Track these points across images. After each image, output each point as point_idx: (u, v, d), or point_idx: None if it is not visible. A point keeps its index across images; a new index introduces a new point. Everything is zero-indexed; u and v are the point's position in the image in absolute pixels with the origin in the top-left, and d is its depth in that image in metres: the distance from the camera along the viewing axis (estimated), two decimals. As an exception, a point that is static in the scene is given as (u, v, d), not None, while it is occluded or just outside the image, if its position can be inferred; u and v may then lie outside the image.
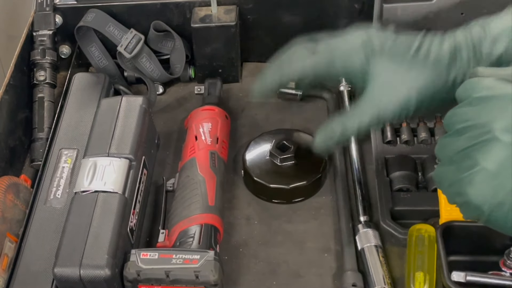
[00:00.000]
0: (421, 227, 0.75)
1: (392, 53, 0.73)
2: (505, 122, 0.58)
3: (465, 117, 0.61)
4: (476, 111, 0.60)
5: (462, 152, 0.60)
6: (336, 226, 0.81)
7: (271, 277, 0.77)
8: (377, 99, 0.73)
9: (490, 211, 0.59)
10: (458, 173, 0.60)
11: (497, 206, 0.59)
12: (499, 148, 0.58)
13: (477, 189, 0.59)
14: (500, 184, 0.58)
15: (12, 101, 0.88)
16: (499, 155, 0.58)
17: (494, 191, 0.58)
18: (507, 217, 0.59)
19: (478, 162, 0.59)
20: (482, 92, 0.61)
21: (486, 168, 0.58)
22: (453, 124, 0.62)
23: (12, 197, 0.78)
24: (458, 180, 0.60)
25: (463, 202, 0.61)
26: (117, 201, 0.73)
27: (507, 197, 0.58)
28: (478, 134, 0.59)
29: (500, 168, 0.58)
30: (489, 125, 0.59)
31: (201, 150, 0.83)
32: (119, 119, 0.81)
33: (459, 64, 0.72)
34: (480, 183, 0.59)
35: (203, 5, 0.96)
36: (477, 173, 0.59)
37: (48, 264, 0.71)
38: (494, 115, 0.59)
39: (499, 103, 0.59)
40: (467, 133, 0.60)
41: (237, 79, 1.01)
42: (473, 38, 0.72)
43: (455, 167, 0.61)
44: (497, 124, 0.58)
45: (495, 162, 0.58)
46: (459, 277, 0.69)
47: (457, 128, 0.61)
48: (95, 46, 0.98)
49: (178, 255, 0.70)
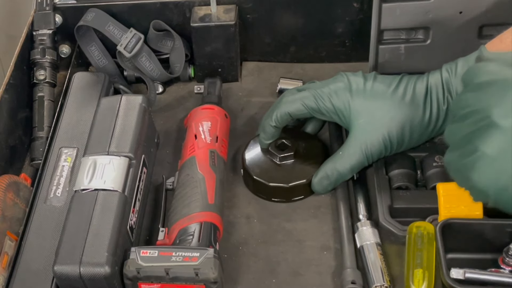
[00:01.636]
0: (420, 224, 0.75)
1: (372, 95, 0.79)
2: (504, 107, 0.59)
3: (467, 102, 0.62)
4: (477, 97, 0.61)
5: (465, 138, 0.61)
6: (335, 224, 0.81)
7: (270, 275, 0.77)
8: (362, 139, 0.79)
9: (496, 195, 0.60)
10: (462, 159, 0.61)
11: (501, 190, 0.60)
12: (498, 133, 0.59)
13: (480, 174, 0.60)
14: (501, 169, 0.59)
15: (12, 100, 0.89)
16: (498, 140, 0.59)
17: (496, 176, 0.59)
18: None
19: (478, 147, 0.60)
20: (483, 77, 0.61)
21: (486, 153, 0.59)
22: (458, 110, 0.63)
23: (12, 196, 0.78)
24: (463, 165, 0.61)
25: (470, 187, 0.62)
26: (117, 199, 0.73)
27: (510, 181, 0.58)
28: (478, 119, 0.60)
29: (500, 153, 0.59)
30: (488, 111, 0.59)
31: (201, 149, 0.83)
32: (119, 118, 0.81)
33: (433, 102, 0.77)
34: (481, 168, 0.60)
35: (202, 4, 0.96)
36: (478, 159, 0.60)
37: (48, 262, 0.71)
38: (494, 101, 0.60)
39: (499, 89, 0.60)
40: (469, 118, 0.61)
41: (236, 78, 1.01)
42: (443, 78, 0.77)
43: (459, 153, 0.62)
44: (496, 110, 0.59)
45: (495, 147, 0.59)
46: (458, 274, 0.69)
47: (460, 114, 0.62)
48: (95, 45, 0.98)
49: (177, 253, 0.70)
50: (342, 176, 0.81)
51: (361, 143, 0.79)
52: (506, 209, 0.62)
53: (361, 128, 0.79)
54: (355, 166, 0.80)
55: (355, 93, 0.80)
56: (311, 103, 0.81)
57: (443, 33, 0.86)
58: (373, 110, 0.79)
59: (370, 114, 0.79)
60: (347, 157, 0.80)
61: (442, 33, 0.86)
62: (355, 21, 0.98)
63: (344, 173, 0.81)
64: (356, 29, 0.98)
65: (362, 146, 0.79)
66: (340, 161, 0.81)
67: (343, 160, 0.80)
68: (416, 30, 0.87)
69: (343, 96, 0.80)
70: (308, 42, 1.01)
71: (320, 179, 0.82)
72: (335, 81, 0.82)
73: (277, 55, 1.03)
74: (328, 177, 0.81)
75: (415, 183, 0.81)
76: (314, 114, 0.82)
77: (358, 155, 0.79)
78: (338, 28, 0.99)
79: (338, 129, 0.89)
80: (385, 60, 0.87)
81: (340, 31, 0.99)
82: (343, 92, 0.80)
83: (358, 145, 0.79)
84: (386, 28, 0.86)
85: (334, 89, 0.81)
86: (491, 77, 0.61)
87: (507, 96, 0.59)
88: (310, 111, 0.82)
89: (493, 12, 0.83)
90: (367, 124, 0.79)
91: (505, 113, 0.59)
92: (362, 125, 0.79)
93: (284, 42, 1.02)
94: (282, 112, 0.82)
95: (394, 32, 0.87)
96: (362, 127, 0.79)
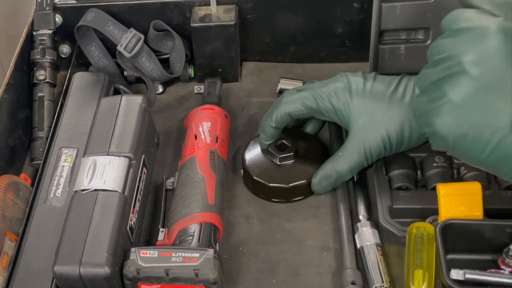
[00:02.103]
0: (420, 225, 0.75)
1: (371, 95, 0.79)
2: (475, 55, 0.59)
3: (442, 48, 0.62)
4: (451, 43, 0.62)
5: (435, 83, 0.62)
6: (335, 224, 0.81)
7: (270, 275, 0.77)
8: (361, 140, 0.79)
9: (455, 142, 0.61)
10: (428, 104, 0.62)
11: (461, 137, 0.60)
12: (466, 80, 0.59)
13: (443, 120, 0.61)
14: (465, 116, 0.60)
15: (12, 100, 0.89)
16: (465, 87, 0.59)
17: (458, 122, 0.60)
18: (471, 148, 0.60)
19: (446, 93, 0.60)
20: (460, 24, 0.62)
21: (452, 99, 0.60)
22: (432, 55, 0.63)
23: (12, 196, 0.78)
24: (428, 111, 0.62)
25: (432, 132, 0.63)
26: (116, 199, 0.73)
27: (471, 129, 0.60)
28: (450, 65, 0.61)
29: (465, 100, 0.59)
30: (459, 57, 0.60)
31: (201, 149, 0.83)
32: (119, 118, 0.81)
33: None
34: (446, 114, 0.60)
35: (202, 4, 0.96)
36: (444, 105, 0.60)
37: (48, 263, 0.71)
38: (466, 48, 0.60)
39: (472, 36, 0.60)
40: (441, 64, 0.62)
41: (236, 78, 1.01)
42: None
43: (427, 98, 0.63)
44: (467, 57, 0.59)
45: (461, 94, 0.59)
46: (458, 275, 0.69)
47: (434, 59, 0.63)
48: (95, 45, 0.98)
49: (177, 253, 0.70)
50: (342, 176, 0.81)
51: (361, 144, 0.79)
52: (461, 157, 0.63)
53: (361, 128, 0.79)
54: (354, 167, 0.80)
55: (354, 94, 0.80)
56: (310, 103, 0.81)
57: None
58: (372, 110, 0.79)
59: (370, 114, 0.79)
60: (346, 157, 0.80)
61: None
62: (355, 21, 0.98)
63: (343, 173, 0.81)
64: (356, 29, 0.98)
65: (362, 146, 0.79)
66: (340, 161, 0.81)
67: (342, 160, 0.80)
68: (416, 30, 0.87)
69: (342, 96, 0.80)
70: (308, 42, 1.01)
71: (320, 179, 0.82)
72: (335, 81, 0.81)
73: (277, 55, 1.03)
74: (327, 178, 0.81)
75: (415, 183, 0.81)
76: (313, 114, 0.82)
77: (358, 156, 0.79)
78: (338, 28, 0.99)
79: (338, 130, 0.89)
80: (385, 60, 0.87)
81: (340, 31, 0.99)
82: (343, 92, 0.80)
83: (358, 145, 0.79)
84: (386, 28, 0.86)
85: (334, 89, 0.81)
86: (468, 23, 0.61)
87: (479, 44, 0.59)
88: (309, 111, 0.82)
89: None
90: (367, 124, 0.79)
91: (475, 61, 0.59)
92: (361, 125, 0.79)
93: (284, 42, 1.02)
94: (281, 113, 0.82)
95: (394, 32, 0.87)
96: (362, 127, 0.79)
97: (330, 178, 0.81)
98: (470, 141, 0.60)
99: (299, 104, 0.81)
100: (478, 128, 0.59)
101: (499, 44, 0.59)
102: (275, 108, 0.83)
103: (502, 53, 0.59)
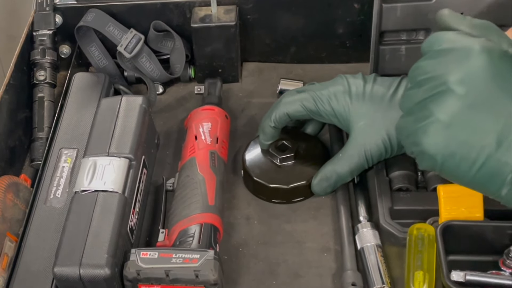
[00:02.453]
0: (421, 226, 0.75)
1: (371, 97, 0.79)
2: (460, 74, 0.60)
3: (425, 69, 0.63)
4: (435, 64, 0.63)
5: (420, 104, 0.63)
6: (335, 225, 0.81)
7: (270, 276, 0.77)
8: (361, 142, 0.80)
9: (443, 161, 0.62)
10: (415, 124, 0.63)
11: (449, 156, 0.61)
12: (452, 99, 0.60)
13: (431, 139, 0.61)
14: (452, 135, 0.60)
15: (12, 100, 0.88)
16: (452, 106, 0.60)
17: (446, 141, 0.61)
18: (459, 167, 0.61)
19: (432, 112, 0.61)
20: (443, 45, 0.63)
21: (439, 119, 0.61)
22: (415, 76, 0.64)
23: (12, 197, 0.78)
24: (415, 130, 0.63)
25: (419, 152, 0.63)
26: (117, 200, 0.73)
27: (459, 148, 0.60)
28: (435, 85, 0.62)
29: (452, 119, 0.60)
30: (444, 77, 0.61)
31: (201, 150, 0.83)
32: (119, 118, 0.81)
33: None
34: (433, 133, 0.61)
35: (203, 5, 0.96)
36: (431, 124, 0.61)
37: (48, 264, 0.71)
38: (450, 68, 0.61)
39: (456, 56, 0.61)
40: (425, 85, 0.63)
41: (237, 79, 1.01)
42: None
43: (413, 118, 0.63)
44: (452, 76, 0.60)
45: (448, 113, 0.60)
46: (459, 276, 0.69)
47: (417, 80, 0.64)
48: (95, 46, 0.98)
49: (178, 255, 0.70)
50: (342, 178, 0.81)
51: (361, 145, 0.79)
52: (450, 176, 0.63)
53: (361, 130, 0.79)
54: (354, 169, 0.80)
55: (354, 97, 0.80)
56: (310, 105, 0.81)
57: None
58: (372, 112, 0.79)
59: (370, 116, 0.79)
60: (347, 159, 0.80)
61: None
62: (355, 22, 0.98)
63: (343, 175, 0.81)
64: (356, 30, 0.98)
65: (362, 148, 0.79)
66: (340, 163, 0.81)
67: (343, 162, 0.80)
68: (417, 31, 0.86)
69: (342, 100, 0.80)
70: (308, 43, 1.01)
71: (320, 181, 0.82)
72: (335, 84, 0.81)
73: (278, 55, 1.03)
74: (327, 179, 0.81)
75: (416, 184, 0.81)
76: (313, 116, 0.82)
77: (358, 158, 0.79)
78: (338, 29, 0.99)
79: (339, 131, 0.89)
80: (386, 61, 0.87)
81: (340, 31, 0.99)
82: (343, 95, 0.80)
83: (358, 147, 0.79)
84: (387, 29, 0.86)
85: (334, 92, 0.81)
86: (450, 44, 0.63)
87: (464, 63, 0.60)
88: (309, 113, 0.82)
89: (494, 13, 0.83)
90: (367, 126, 0.79)
91: (461, 80, 0.60)
92: (362, 127, 0.79)
93: (285, 42, 1.01)
94: (280, 113, 0.82)
95: (394, 33, 0.87)
96: (362, 129, 0.79)
97: (330, 179, 0.81)
98: (458, 160, 0.61)
99: (299, 105, 0.81)
100: (465, 146, 0.60)
101: (483, 63, 0.60)
102: (274, 109, 0.83)
103: (486, 72, 0.60)
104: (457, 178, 0.63)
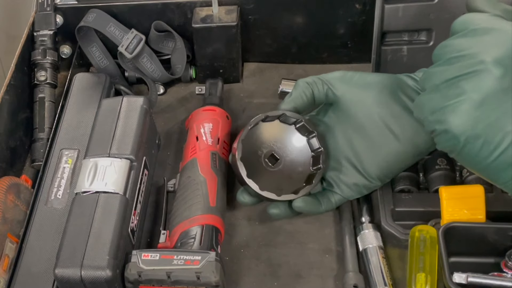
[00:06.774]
0: (423, 228, 0.74)
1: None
2: (499, 54, 0.59)
3: (459, 47, 0.62)
4: (471, 42, 0.61)
5: (451, 81, 0.61)
6: (337, 227, 0.81)
7: (272, 278, 0.77)
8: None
9: (466, 143, 0.60)
10: (442, 101, 0.61)
11: (473, 138, 0.60)
12: (488, 79, 0.59)
13: (459, 118, 0.60)
14: (481, 116, 0.59)
15: (13, 101, 0.88)
16: (487, 86, 0.59)
17: (474, 122, 0.59)
18: (480, 150, 0.60)
19: (465, 91, 0.60)
20: (481, 24, 0.62)
21: (472, 98, 0.59)
22: (445, 54, 0.63)
23: (13, 198, 0.78)
24: (442, 108, 0.61)
25: (442, 131, 0.62)
26: (118, 201, 0.73)
27: (484, 130, 0.59)
28: (470, 64, 0.60)
29: (485, 99, 0.59)
30: (482, 56, 0.59)
31: (202, 151, 0.83)
32: (120, 119, 0.81)
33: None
34: (463, 112, 0.60)
35: (204, 5, 0.96)
36: (463, 102, 0.60)
37: (49, 265, 0.71)
38: (489, 47, 0.60)
39: (495, 37, 0.60)
40: (458, 62, 0.61)
41: (238, 79, 1.01)
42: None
43: (440, 95, 0.62)
44: (490, 56, 0.59)
45: (482, 93, 0.59)
46: (461, 278, 0.69)
47: (448, 58, 0.62)
48: (96, 46, 0.98)
49: (179, 256, 0.69)
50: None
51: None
52: (466, 161, 0.62)
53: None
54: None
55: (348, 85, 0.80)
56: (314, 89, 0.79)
57: (446, 34, 0.84)
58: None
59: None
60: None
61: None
62: (357, 22, 0.97)
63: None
64: (358, 30, 0.98)
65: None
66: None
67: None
68: (418, 32, 0.86)
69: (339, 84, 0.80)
70: (309, 43, 1.01)
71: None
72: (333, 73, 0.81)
73: (279, 56, 1.03)
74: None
75: (418, 186, 0.81)
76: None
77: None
78: (340, 29, 0.99)
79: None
80: (387, 61, 0.87)
81: (342, 32, 0.99)
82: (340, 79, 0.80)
83: None
84: (389, 30, 0.85)
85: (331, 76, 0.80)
86: (489, 24, 0.62)
87: (503, 45, 0.59)
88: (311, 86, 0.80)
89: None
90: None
91: (499, 60, 0.59)
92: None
93: (286, 43, 1.01)
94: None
95: (396, 34, 0.86)
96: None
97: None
98: (481, 143, 0.59)
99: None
100: (491, 129, 0.59)
101: None
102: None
103: None
104: (473, 162, 0.62)
